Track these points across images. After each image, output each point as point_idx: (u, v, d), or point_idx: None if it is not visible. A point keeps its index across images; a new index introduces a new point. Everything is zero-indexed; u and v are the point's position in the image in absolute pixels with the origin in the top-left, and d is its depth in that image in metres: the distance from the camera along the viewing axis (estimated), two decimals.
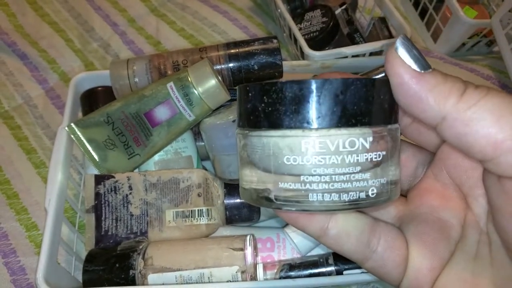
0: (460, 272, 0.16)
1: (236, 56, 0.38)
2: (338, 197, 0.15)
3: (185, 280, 0.31)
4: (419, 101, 0.14)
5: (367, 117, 0.15)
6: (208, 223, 0.34)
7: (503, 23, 0.49)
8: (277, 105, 0.15)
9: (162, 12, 0.63)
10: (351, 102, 0.15)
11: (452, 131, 0.14)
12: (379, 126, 0.15)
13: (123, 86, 0.38)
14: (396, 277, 0.18)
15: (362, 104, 0.15)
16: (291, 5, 0.56)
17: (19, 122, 0.49)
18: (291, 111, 0.15)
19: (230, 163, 0.33)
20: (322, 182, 0.15)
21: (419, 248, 0.17)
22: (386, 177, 0.16)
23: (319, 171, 0.15)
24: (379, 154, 0.15)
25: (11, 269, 0.39)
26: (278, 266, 0.34)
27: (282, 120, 0.15)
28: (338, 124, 0.15)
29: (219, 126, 0.33)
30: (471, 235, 0.17)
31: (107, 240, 0.34)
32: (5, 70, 0.55)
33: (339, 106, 0.15)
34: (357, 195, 0.15)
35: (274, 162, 0.15)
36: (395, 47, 0.15)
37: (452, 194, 0.18)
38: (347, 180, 0.15)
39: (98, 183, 0.34)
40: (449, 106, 0.14)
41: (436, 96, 0.14)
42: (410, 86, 0.14)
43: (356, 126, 0.15)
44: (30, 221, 0.42)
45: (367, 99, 0.15)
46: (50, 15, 0.61)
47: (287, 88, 0.15)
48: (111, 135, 0.35)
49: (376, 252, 0.17)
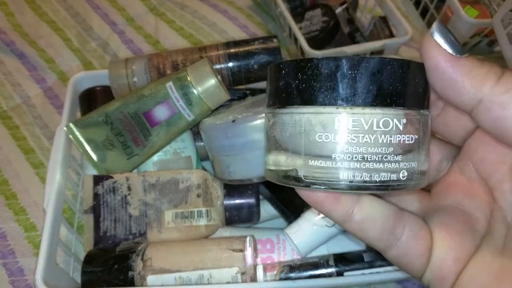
0: (486, 264, 0.16)
1: (236, 55, 0.38)
2: (369, 177, 0.15)
3: (184, 281, 0.31)
4: (455, 85, 0.14)
5: (402, 98, 0.15)
6: (208, 224, 0.34)
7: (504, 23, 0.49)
8: (312, 81, 0.15)
9: (161, 11, 0.63)
10: (387, 82, 0.15)
11: (488, 115, 0.14)
12: (413, 109, 0.15)
13: (122, 86, 0.38)
14: (419, 267, 0.17)
15: (398, 85, 0.15)
16: (291, 4, 0.56)
17: (17, 122, 0.49)
18: (326, 88, 0.15)
19: (229, 163, 0.33)
20: (354, 161, 0.15)
21: (444, 238, 0.17)
22: (417, 162, 0.16)
23: (351, 149, 0.15)
24: (412, 137, 0.15)
25: (9, 270, 0.39)
26: (278, 268, 0.34)
27: (316, 96, 0.15)
28: (373, 103, 0.15)
29: (219, 126, 0.33)
30: (497, 229, 0.17)
31: (105, 241, 0.33)
32: (3, 69, 0.54)
33: (375, 85, 0.14)
34: (389, 176, 0.15)
35: (305, 140, 0.15)
36: (430, 32, 0.15)
37: (478, 188, 0.18)
38: (379, 160, 0.15)
39: (97, 183, 0.34)
40: (486, 89, 0.14)
41: (472, 80, 0.14)
42: (445, 69, 0.14)
43: (391, 106, 0.15)
44: (28, 222, 0.42)
45: (403, 80, 0.15)
46: (48, 14, 0.61)
47: (324, 65, 0.15)
48: (109, 135, 0.34)
49: (400, 240, 0.17)
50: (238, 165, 0.32)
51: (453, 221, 0.17)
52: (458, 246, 0.17)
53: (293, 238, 0.35)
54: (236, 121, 0.31)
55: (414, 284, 0.39)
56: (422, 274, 0.17)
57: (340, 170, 0.15)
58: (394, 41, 0.46)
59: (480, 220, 0.17)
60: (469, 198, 0.17)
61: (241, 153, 0.32)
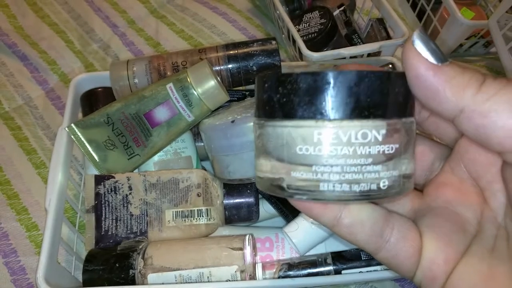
0: (476, 265, 0.16)
1: (235, 57, 0.39)
2: (349, 188, 0.15)
3: (184, 279, 0.31)
4: (436, 94, 0.14)
5: (381, 109, 0.15)
6: (208, 223, 0.35)
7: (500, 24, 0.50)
8: (291, 95, 0.15)
9: (161, 14, 0.63)
10: (364, 94, 0.15)
11: (470, 123, 0.14)
12: (393, 119, 0.15)
13: (123, 87, 0.38)
14: (409, 268, 0.18)
15: (376, 97, 0.15)
16: (290, 7, 0.57)
17: (19, 123, 0.50)
18: (305, 102, 0.15)
19: (229, 163, 0.33)
20: (333, 173, 0.15)
21: (433, 240, 0.17)
22: (398, 170, 0.16)
23: (330, 161, 0.15)
24: (392, 147, 0.15)
25: (11, 269, 0.39)
26: (277, 266, 0.34)
27: (295, 110, 0.15)
28: (351, 116, 0.15)
29: (218, 126, 0.33)
30: (488, 229, 0.17)
31: (107, 240, 0.34)
32: (6, 71, 0.55)
33: (352, 98, 0.15)
34: (368, 186, 0.15)
35: (287, 152, 0.16)
36: (412, 40, 0.14)
37: (469, 188, 0.18)
38: (359, 171, 0.15)
39: (98, 183, 0.35)
40: (467, 97, 0.14)
41: (454, 88, 0.14)
42: (426, 78, 0.14)
43: (369, 118, 0.15)
44: (30, 221, 0.42)
45: (381, 91, 0.15)
46: (50, 17, 0.62)
47: (302, 79, 0.15)
48: (111, 136, 0.35)
49: (389, 242, 0.17)
50: (237, 165, 0.33)
51: (442, 223, 0.17)
52: (447, 247, 0.17)
53: (291, 236, 0.35)
54: (235, 122, 0.31)
55: (411, 282, 0.40)
56: (414, 275, 0.18)
57: (321, 181, 0.15)
58: (391, 43, 0.47)
59: (470, 220, 0.17)
60: (460, 198, 0.18)
61: (240, 153, 0.32)
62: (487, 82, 0.14)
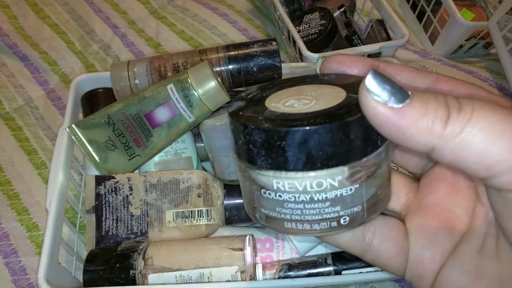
0: (464, 264, 0.16)
1: (236, 58, 0.39)
2: (309, 227, 0.16)
3: (185, 280, 0.31)
4: (404, 137, 0.14)
5: (335, 159, 0.15)
6: (208, 224, 0.35)
7: (500, 25, 0.50)
8: (250, 145, 0.16)
9: (162, 15, 0.63)
10: (315, 149, 0.15)
11: (444, 159, 0.14)
12: (351, 163, 0.15)
13: (124, 88, 0.38)
14: (397, 267, 0.18)
15: (328, 149, 0.15)
16: (290, 8, 0.57)
17: (20, 123, 0.50)
18: (262, 154, 0.16)
19: (229, 164, 0.33)
20: (294, 215, 0.16)
21: (419, 239, 0.17)
22: (360, 203, 0.16)
23: (290, 206, 0.16)
24: (351, 188, 0.16)
25: (12, 269, 0.39)
26: (277, 266, 0.34)
27: (255, 160, 0.16)
28: (304, 169, 0.15)
29: (219, 127, 0.33)
30: (478, 226, 0.17)
31: (107, 240, 0.34)
32: (6, 71, 0.55)
33: (303, 153, 0.15)
34: (328, 224, 0.16)
35: (255, 192, 0.17)
36: (365, 88, 0.14)
37: (462, 183, 0.18)
38: (317, 213, 0.16)
39: (99, 183, 0.35)
40: (435, 138, 0.13)
41: (420, 131, 0.13)
42: (390, 124, 0.14)
43: (322, 168, 0.15)
44: (31, 222, 0.42)
45: (333, 144, 0.15)
46: (51, 17, 0.62)
47: (256, 134, 0.15)
48: (111, 136, 0.35)
49: (372, 244, 0.18)
50: None
51: (430, 221, 0.17)
52: (433, 246, 0.17)
53: (292, 237, 0.35)
54: None
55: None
56: (404, 273, 0.18)
57: (285, 221, 0.16)
58: (391, 44, 0.47)
59: (461, 217, 0.17)
60: (452, 194, 0.18)
61: None
62: (452, 118, 0.13)
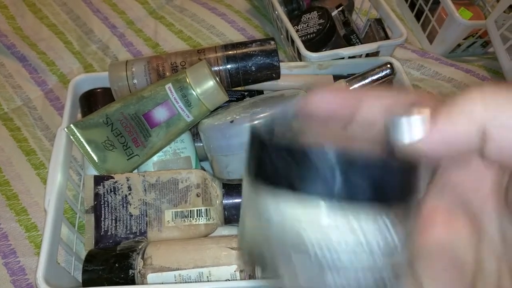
0: None
1: (234, 57, 0.39)
2: None
3: (184, 279, 0.31)
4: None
5: None
6: (207, 223, 0.35)
7: (498, 24, 0.50)
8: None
9: (160, 15, 0.63)
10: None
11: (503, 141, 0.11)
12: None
13: (122, 88, 0.38)
14: None
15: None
16: (288, 7, 0.57)
17: (18, 124, 0.50)
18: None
19: (228, 163, 0.34)
20: None
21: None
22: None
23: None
24: None
25: (11, 269, 0.39)
26: None
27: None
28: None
29: (217, 127, 0.33)
30: (488, 264, 0.14)
31: (106, 240, 0.34)
32: (4, 72, 0.55)
33: None
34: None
35: None
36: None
37: (459, 217, 0.14)
38: None
39: (98, 183, 0.35)
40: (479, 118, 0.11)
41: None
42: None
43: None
44: (29, 222, 0.42)
45: None
46: (49, 18, 0.62)
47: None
48: (110, 136, 0.35)
49: None
50: (236, 164, 0.33)
51: (440, 273, 0.14)
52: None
53: None
54: (234, 122, 0.32)
55: None
56: None
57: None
58: (389, 43, 0.47)
59: (467, 258, 0.14)
60: (451, 234, 0.14)
61: (239, 153, 0.32)
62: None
